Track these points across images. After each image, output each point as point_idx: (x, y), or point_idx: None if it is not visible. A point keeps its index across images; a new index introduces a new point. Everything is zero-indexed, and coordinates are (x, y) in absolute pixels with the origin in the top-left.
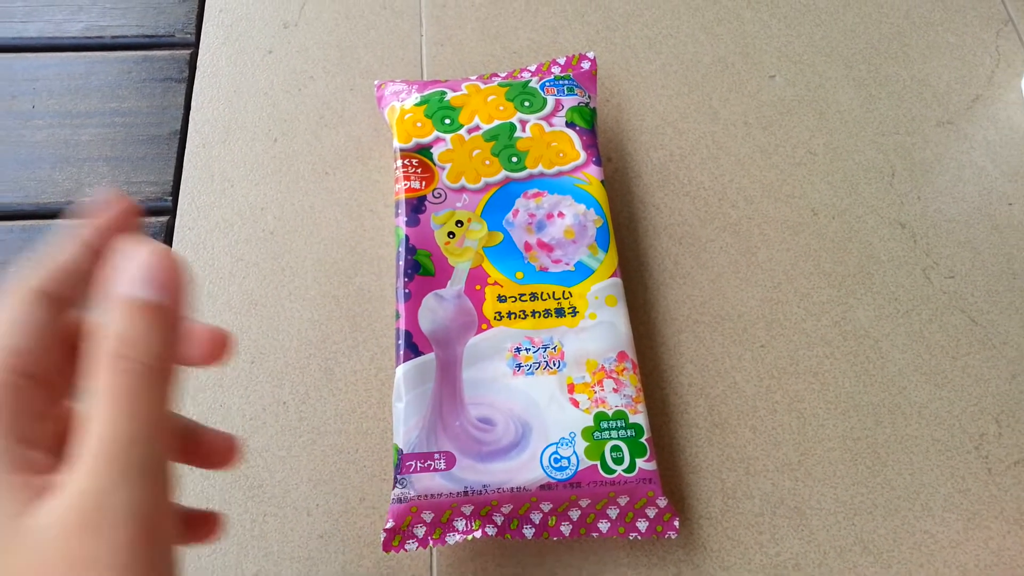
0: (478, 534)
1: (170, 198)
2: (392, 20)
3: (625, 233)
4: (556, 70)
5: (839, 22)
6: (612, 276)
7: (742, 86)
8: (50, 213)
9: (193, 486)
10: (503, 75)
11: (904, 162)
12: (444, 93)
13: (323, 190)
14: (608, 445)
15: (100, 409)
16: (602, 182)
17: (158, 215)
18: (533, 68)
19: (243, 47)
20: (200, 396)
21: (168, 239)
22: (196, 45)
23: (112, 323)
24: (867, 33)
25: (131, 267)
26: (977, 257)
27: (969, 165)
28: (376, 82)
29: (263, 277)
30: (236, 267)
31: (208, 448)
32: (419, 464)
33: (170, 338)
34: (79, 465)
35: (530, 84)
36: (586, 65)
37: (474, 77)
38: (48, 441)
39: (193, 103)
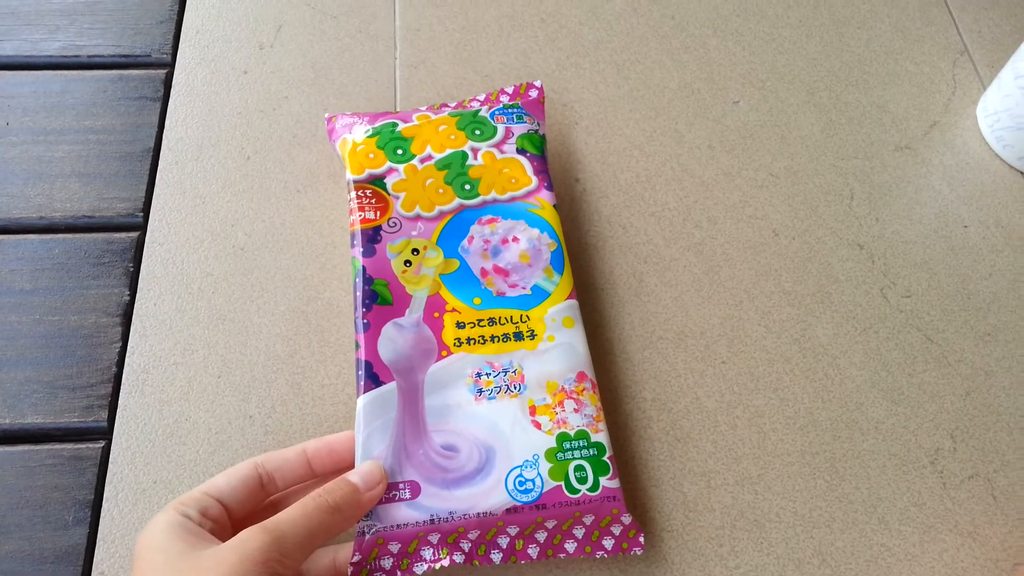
0: (445, 562)
1: (141, 214)
2: (366, 43)
3: (592, 252)
4: (504, 99)
5: (801, 50)
6: (568, 298)
7: (707, 111)
8: (21, 228)
9: (159, 500)
10: (452, 105)
11: (863, 185)
12: (395, 124)
13: (294, 207)
14: (571, 465)
15: (285, 512)
16: (554, 206)
17: (129, 231)
18: (482, 98)
19: (219, 67)
20: (167, 410)
21: (138, 254)
22: (172, 65)
23: (331, 482)
24: (828, 61)
25: (360, 467)
26: (933, 277)
27: (926, 189)
28: (326, 115)
29: (232, 292)
30: (205, 282)
31: None
32: (384, 495)
33: (352, 507)
34: (241, 533)
35: (480, 113)
36: (533, 94)
37: (424, 108)
38: (213, 534)
39: (167, 121)
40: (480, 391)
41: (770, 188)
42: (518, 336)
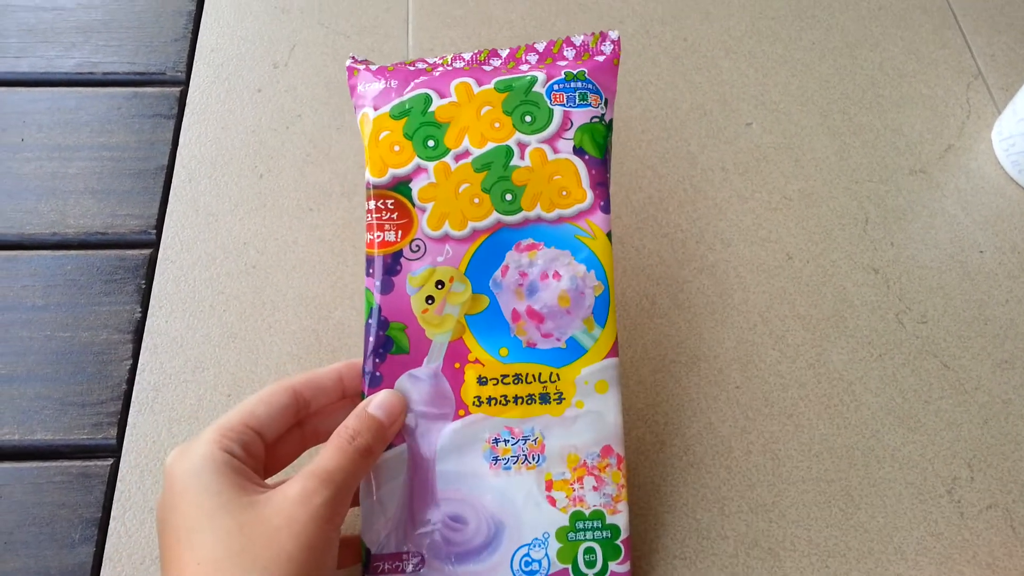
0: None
1: (154, 231)
2: (380, 62)
3: None
4: (567, 58)
5: (814, 72)
6: (607, 356)
7: (719, 133)
8: (34, 244)
9: None
10: (503, 57)
11: (878, 209)
12: (429, 100)
13: (306, 226)
14: (582, 547)
15: (324, 456)
16: (608, 235)
17: (141, 248)
18: (542, 49)
19: (233, 85)
20: (176, 428)
21: (150, 272)
22: (186, 83)
23: (354, 420)
24: (842, 83)
25: (378, 398)
26: (949, 303)
27: (941, 213)
28: (348, 63)
29: (243, 310)
30: (217, 300)
31: None
32: (387, 565)
33: (381, 444)
34: (297, 480)
35: (534, 88)
36: (607, 49)
37: (466, 59)
38: (254, 471)
39: (181, 139)
40: (496, 459)
41: (784, 211)
42: (544, 398)
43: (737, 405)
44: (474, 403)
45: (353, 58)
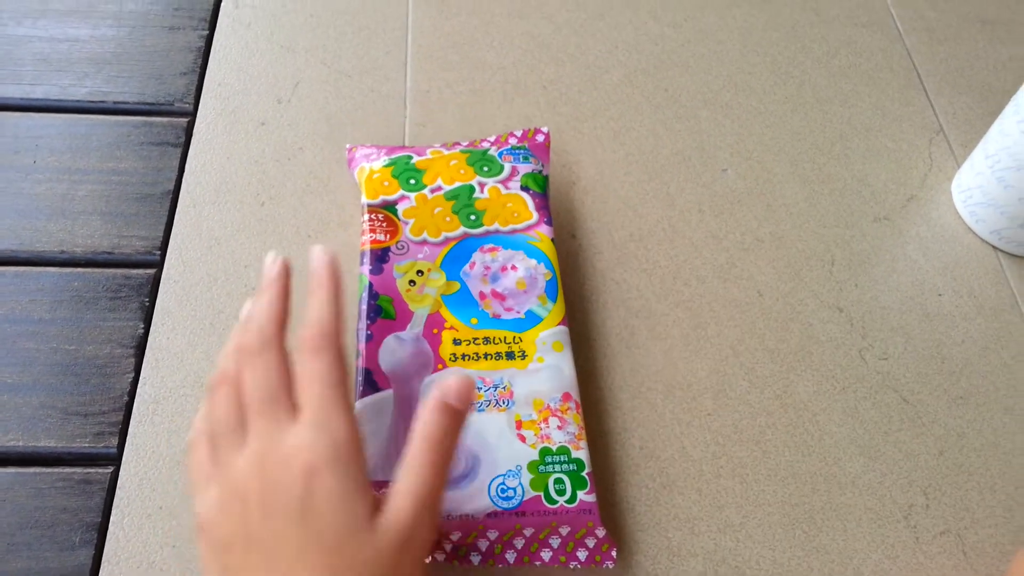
0: (427, 560)
1: (159, 252)
2: (379, 102)
3: (586, 304)
4: (513, 141)
5: (787, 124)
6: (559, 324)
7: (697, 177)
8: (43, 261)
9: (164, 525)
10: (465, 144)
11: (843, 252)
12: (410, 157)
13: (305, 252)
14: (551, 478)
15: (412, 472)
16: (552, 240)
17: (146, 268)
18: (492, 139)
19: (238, 118)
20: (175, 439)
21: (154, 290)
22: (194, 114)
23: (426, 415)
24: (812, 135)
25: (447, 383)
26: (909, 342)
27: (903, 258)
28: (348, 146)
29: None
30: (217, 319)
31: None
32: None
33: (457, 434)
34: (398, 504)
35: (489, 152)
36: (540, 138)
37: (438, 144)
38: None
39: (187, 166)
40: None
41: (755, 251)
42: (510, 355)
43: (709, 431)
44: (451, 359)
45: (350, 146)
